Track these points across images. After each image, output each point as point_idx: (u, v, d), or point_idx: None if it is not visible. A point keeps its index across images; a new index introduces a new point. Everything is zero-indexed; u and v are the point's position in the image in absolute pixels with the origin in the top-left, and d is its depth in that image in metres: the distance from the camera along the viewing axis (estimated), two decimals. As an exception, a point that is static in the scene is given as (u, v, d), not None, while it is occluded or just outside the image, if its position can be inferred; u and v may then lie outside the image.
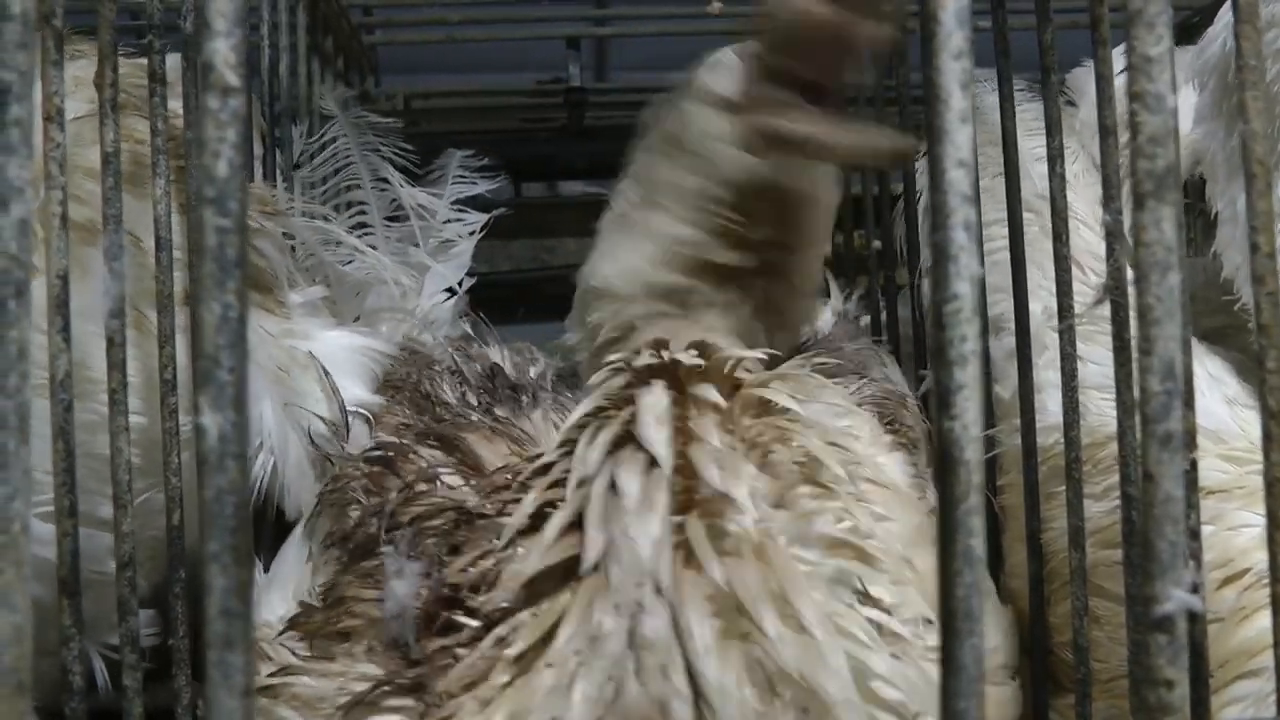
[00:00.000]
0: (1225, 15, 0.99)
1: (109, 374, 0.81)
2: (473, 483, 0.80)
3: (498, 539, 0.72)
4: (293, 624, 0.80)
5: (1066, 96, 1.33)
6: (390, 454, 0.86)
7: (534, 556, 0.68)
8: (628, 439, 0.71)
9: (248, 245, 0.36)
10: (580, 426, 0.73)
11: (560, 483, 0.71)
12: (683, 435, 0.70)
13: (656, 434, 0.69)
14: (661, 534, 0.66)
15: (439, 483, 0.81)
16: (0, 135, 0.37)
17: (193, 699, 0.84)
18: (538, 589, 0.69)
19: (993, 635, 0.82)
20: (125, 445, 0.81)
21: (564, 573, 0.68)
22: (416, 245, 1.34)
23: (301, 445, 0.99)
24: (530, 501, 0.71)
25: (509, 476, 0.78)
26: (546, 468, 0.74)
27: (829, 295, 1.22)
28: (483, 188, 1.44)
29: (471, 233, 1.39)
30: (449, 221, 1.39)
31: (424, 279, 1.33)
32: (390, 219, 1.35)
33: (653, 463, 0.68)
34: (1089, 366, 0.93)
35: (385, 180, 1.35)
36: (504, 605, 0.69)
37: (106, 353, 0.81)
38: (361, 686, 0.72)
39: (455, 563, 0.73)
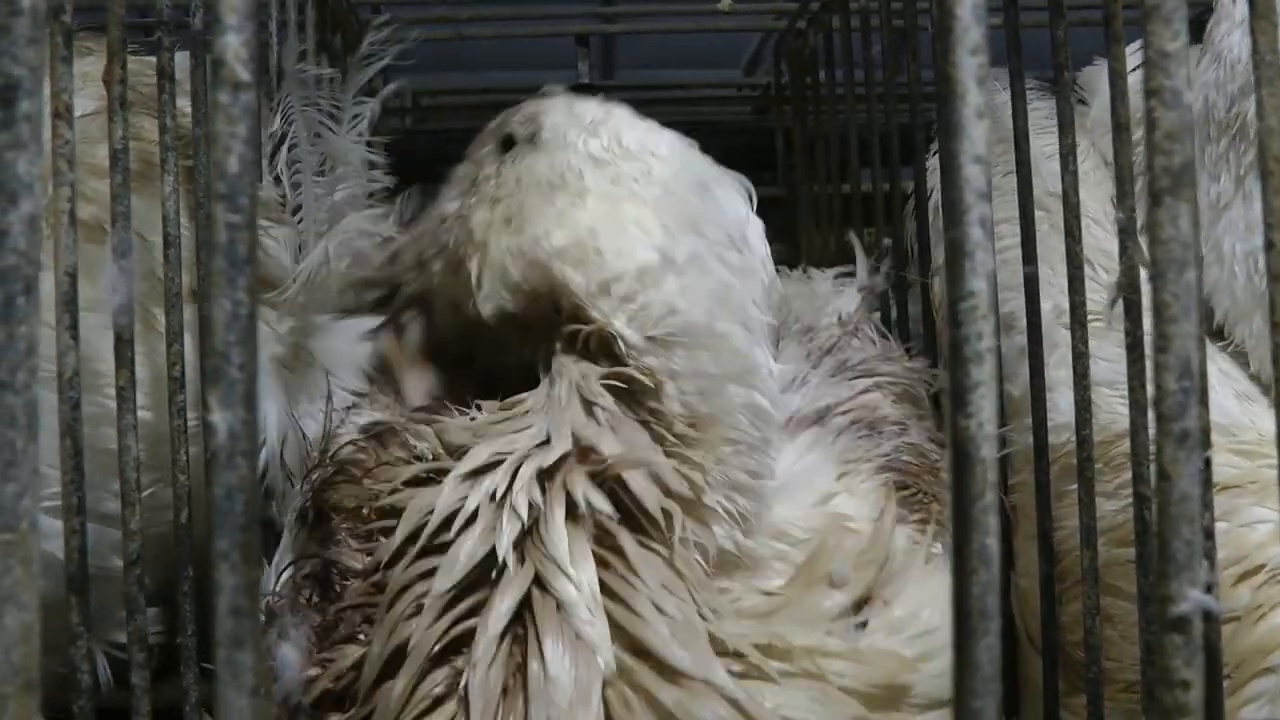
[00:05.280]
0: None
1: (117, 372, 0.81)
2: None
3: (366, 623, 0.74)
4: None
5: (1078, 94, 1.32)
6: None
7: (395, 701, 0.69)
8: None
9: (257, 242, 0.36)
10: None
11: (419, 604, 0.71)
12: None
13: (594, 631, 0.68)
14: None
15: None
16: (10, 131, 0.37)
17: (200, 697, 0.84)
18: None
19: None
20: (133, 443, 0.81)
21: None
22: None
23: (298, 443, 0.98)
24: (383, 634, 0.71)
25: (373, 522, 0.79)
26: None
27: (854, 274, 1.20)
28: None
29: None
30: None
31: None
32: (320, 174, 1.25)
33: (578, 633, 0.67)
34: (1099, 364, 0.92)
35: (319, 136, 1.24)
36: None
37: (114, 350, 0.80)
38: None
39: (325, 673, 0.74)
